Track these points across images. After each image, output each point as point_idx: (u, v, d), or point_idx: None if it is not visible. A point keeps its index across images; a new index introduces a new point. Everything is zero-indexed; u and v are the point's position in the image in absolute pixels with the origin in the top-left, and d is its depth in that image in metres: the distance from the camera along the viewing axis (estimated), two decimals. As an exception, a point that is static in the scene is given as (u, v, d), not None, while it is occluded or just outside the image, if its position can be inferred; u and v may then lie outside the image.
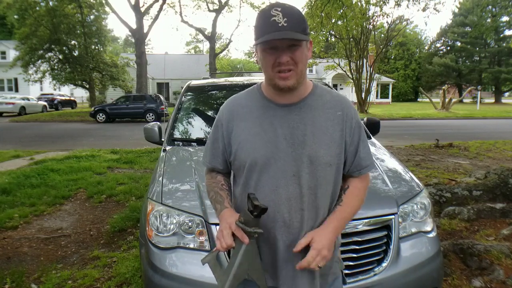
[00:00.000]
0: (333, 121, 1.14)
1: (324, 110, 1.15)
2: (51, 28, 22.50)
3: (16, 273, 2.82)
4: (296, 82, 1.09)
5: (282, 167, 1.11)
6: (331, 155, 1.13)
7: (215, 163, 1.26)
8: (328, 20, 11.21)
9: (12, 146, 9.71)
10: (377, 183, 2.16)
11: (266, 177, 1.12)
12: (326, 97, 1.19)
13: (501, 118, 20.50)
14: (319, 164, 1.11)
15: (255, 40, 1.07)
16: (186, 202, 1.95)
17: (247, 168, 1.15)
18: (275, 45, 1.04)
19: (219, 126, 1.23)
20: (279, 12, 1.02)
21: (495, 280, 2.54)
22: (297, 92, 1.14)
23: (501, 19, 17.19)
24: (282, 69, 1.06)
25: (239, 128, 1.17)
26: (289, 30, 1.01)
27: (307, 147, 1.11)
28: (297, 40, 1.04)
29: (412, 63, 49.57)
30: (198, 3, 25.55)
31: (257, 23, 1.07)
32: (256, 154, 1.12)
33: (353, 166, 1.19)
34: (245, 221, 1.04)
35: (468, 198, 4.08)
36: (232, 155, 1.19)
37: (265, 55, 1.07)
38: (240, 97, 1.24)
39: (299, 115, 1.13)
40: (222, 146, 1.22)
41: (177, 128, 3.04)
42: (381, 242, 1.83)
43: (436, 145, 9.01)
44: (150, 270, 1.84)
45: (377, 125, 3.19)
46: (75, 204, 4.66)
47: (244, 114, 1.18)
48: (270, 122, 1.14)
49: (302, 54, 1.07)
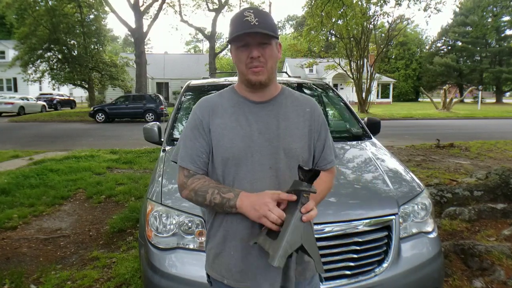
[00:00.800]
0: (303, 117, 1.24)
1: (294, 108, 1.25)
2: (50, 28, 22.50)
3: (15, 274, 2.81)
4: (267, 78, 1.17)
5: (259, 161, 1.16)
6: (303, 148, 1.21)
7: (197, 164, 1.19)
8: (329, 20, 11.19)
9: (11, 146, 9.71)
10: (378, 184, 2.15)
11: (244, 170, 1.16)
12: (294, 96, 1.29)
13: (502, 118, 20.49)
14: (293, 156, 1.18)
15: (229, 38, 1.15)
16: (185, 203, 1.94)
17: (224, 163, 1.17)
18: (247, 42, 1.13)
19: (198, 123, 1.21)
20: (251, 13, 1.13)
21: (496, 281, 2.53)
22: (269, 90, 1.22)
23: (502, 19, 17.15)
24: (254, 65, 1.14)
25: (215, 125, 1.20)
26: (259, 28, 1.11)
27: (282, 140, 1.18)
28: (267, 37, 1.12)
29: (413, 62, 49.56)
30: (197, 2, 25.50)
31: (231, 24, 1.16)
32: (233, 148, 1.16)
33: (320, 160, 1.29)
34: (295, 185, 1.05)
35: (469, 198, 4.07)
36: (210, 151, 1.20)
37: (238, 52, 1.16)
38: (213, 97, 1.28)
39: (272, 111, 1.21)
40: (205, 144, 1.20)
41: (177, 128, 3.03)
42: (381, 242, 1.82)
43: (437, 145, 9.00)
44: (150, 270, 1.83)
45: (378, 125, 3.18)
46: (74, 204, 4.65)
47: (219, 111, 1.22)
48: (245, 117, 1.19)
49: (271, 51, 1.15)
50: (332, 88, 3.68)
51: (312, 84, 3.74)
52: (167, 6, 24.09)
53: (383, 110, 24.81)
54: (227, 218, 1.17)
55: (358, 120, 3.18)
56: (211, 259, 1.24)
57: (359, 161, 2.52)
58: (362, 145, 2.77)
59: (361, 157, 2.59)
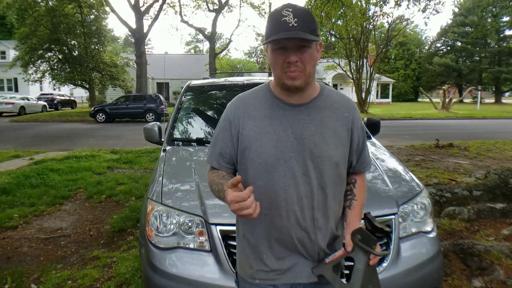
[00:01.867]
0: (341, 122, 1.18)
1: (332, 111, 1.18)
2: (50, 28, 22.48)
3: (16, 273, 2.82)
4: (304, 83, 1.10)
5: (292, 166, 1.12)
6: (339, 155, 1.16)
7: (222, 163, 1.21)
8: (328, 20, 11.20)
9: (12, 146, 9.71)
10: (377, 183, 2.16)
11: (276, 176, 1.13)
12: (333, 98, 1.21)
13: (501, 118, 20.49)
14: (328, 163, 1.14)
15: (266, 39, 1.08)
16: (186, 202, 1.95)
17: (256, 168, 1.14)
18: (285, 45, 1.05)
19: (227, 124, 1.20)
20: (290, 13, 1.03)
21: (495, 280, 2.54)
22: (306, 93, 1.15)
23: (501, 19, 17.15)
24: (290, 70, 1.07)
25: (247, 127, 1.16)
26: (299, 30, 1.02)
27: (317, 147, 1.13)
28: (306, 41, 1.04)
29: (412, 63, 49.53)
30: (198, 3, 25.52)
31: (268, 23, 1.08)
32: (265, 154, 1.13)
33: (358, 164, 1.26)
34: (363, 239, 1.09)
35: (468, 198, 4.08)
36: (240, 154, 1.18)
37: (275, 55, 1.08)
38: (248, 95, 1.23)
39: (309, 115, 1.15)
40: (230, 145, 1.19)
41: (177, 128, 3.04)
42: (381, 242, 1.82)
43: (436, 145, 9.00)
44: (150, 270, 1.84)
45: (377, 125, 3.19)
46: (75, 204, 4.66)
47: (253, 112, 1.17)
48: (280, 121, 1.14)
49: (311, 55, 1.08)
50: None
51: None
52: (168, 6, 24.09)
53: (383, 110, 24.81)
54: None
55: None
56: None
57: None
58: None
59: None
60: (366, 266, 1.09)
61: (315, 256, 1.17)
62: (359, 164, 1.26)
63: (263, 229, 1.17)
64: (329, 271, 1.14)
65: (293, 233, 1.14)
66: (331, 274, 1.13)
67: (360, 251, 1.09)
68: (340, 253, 1.15)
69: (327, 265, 1.15)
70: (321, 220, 1.16)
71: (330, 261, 1.15)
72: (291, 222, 1.13)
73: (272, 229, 1.16)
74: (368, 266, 1.09)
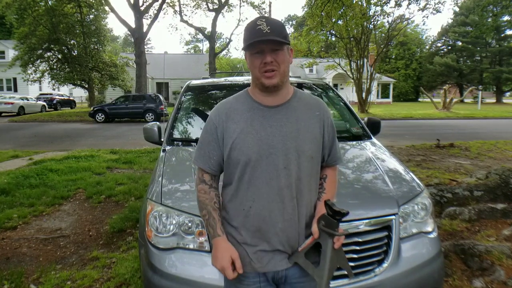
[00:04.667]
0: (313, 120, 1.33)
1: (305, 111, 1.33)
2: (50, 28, 22.49)
3: (15, 274, 2.81)
4: (280, 81, 1.25)
5: (274, 161, 1.26)
6: (313, 149, 1.31)
7: (209, 164, 1.34)
8: (328, 20, 11.20)
9: (11, 146, 9.71)
10: (378, 183, 2.15)
11: (259, 171, 1.26)
12: (305, 99, 1.37)
13: (502, 118, 20.48)
14: (305, 157, 1.28)
15: (244, 46, 1.25)
16: (185, 203, 1.94)
17: (241, 165, 1.27)
18: (261, 49, 1.22)
19: (213, 128, 1.32)
20: (263, 22, 1.21)
21: (496, 281, 2.53)
22: (281, 94, 1.30)
23: (502, 18, 17.14)
24: (267, 69, 1.22)
25: (230, 129, 1.29)
26: (271, 35, 1.19)
27: (295, 142, 1.27)
28: (278, 43, 1.21)
29: (413, 62, 49.53)
30: (197, 2, 25.49)
31: (245, 32, 1.25)
32: (249, 152, 1.25)
33: (329, 158, 1.41)
34: (326, 224, 1.21)
35: (469, 198, 4.07)
36: (226, 154, 1.30)
37: (253, 58, 1.24)
38: (229, 101, 1.37)
39: (285, 115, 1.30)
40: (216, 147, 1.32)
41: (177, 128, 3.03)
42: (381, 242, 1.82)
43: (437, 145, 8.99)
44: (150, 270, 1.83)
45: (378, 125, 3.18)
46: (74, 204, 4.65)
47: (235, 116, 1.30)
48: (260, 122, 1.28)
49: (284, 56, 1.24)
50: (332, 88, 3.68)
51: (312, 84, 3.74)
52: (167, 6, 24.10)
53: (383, 110, 24.80)
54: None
55: (358, 120, 3.17)
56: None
57: (359, 161, 2.52)
58: (362, 145, 2.77)
59: (361, 157, 2.58)
60: (332, 248, 1.21)
61: (295, 244, 1.29)
62: (330, 158, 1.40)
63: (249, 220, 1.28)
64: (302, 258, 1.27)
65: (276, 222, 1.26)
66: (304, 261, 1.26)
67: (326, 236, 1.22)
68: (309, 240, 1.28)
69: (299, 253, 1.28)
70: (300, 209, 1.29)
71: (302, 248, 1.28)
72: (274, 212, 1.26)
73: (256, 219, 1.27)
74: (333, 248, 1.22)
